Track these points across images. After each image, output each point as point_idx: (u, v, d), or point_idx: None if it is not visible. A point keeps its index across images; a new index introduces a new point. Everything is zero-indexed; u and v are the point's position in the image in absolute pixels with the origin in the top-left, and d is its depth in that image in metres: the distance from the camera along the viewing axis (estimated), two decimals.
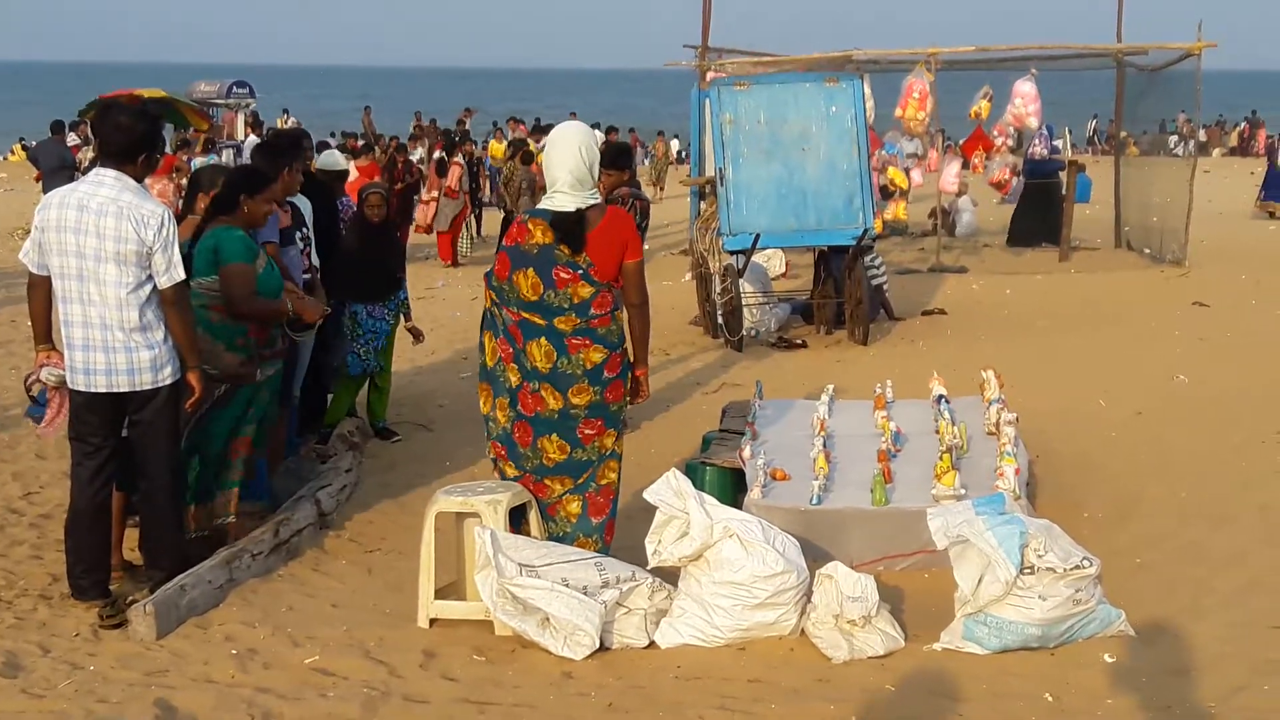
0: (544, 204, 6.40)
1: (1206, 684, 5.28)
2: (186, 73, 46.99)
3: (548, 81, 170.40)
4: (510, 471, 6.54)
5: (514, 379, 6.45)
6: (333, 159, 10.55)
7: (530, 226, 6.36)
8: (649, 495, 6.01)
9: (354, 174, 20.07)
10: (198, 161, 18.92)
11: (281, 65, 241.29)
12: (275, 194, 7.65)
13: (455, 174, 20.89)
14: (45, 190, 19.88)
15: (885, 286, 14.67)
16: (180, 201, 8.39)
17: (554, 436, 6.42)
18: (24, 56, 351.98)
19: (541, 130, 30.26)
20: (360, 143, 28.85)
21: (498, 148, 28.11)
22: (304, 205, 8.74)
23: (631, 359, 6.60)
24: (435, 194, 20.83)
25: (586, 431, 6.42)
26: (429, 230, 21.13)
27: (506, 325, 6.43)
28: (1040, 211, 20.76)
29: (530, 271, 6.28)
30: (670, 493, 5.99)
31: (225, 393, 7.06)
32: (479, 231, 23.21)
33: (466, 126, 33.63)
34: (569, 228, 6.26)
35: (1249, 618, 5.96)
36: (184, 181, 15.66)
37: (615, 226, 6.36)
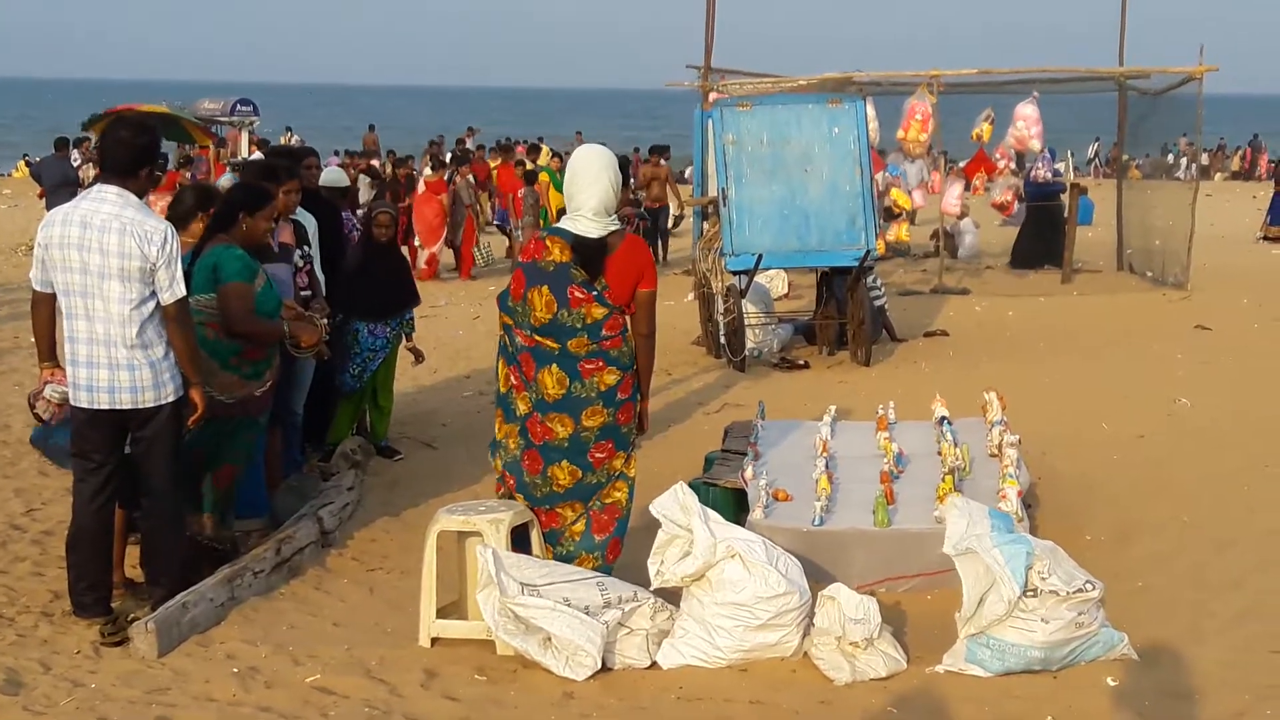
0: (566, 224, 6.38)
1: (1208, 708, 5.28)
2: (191, 90, 47.07)
3: (548, 101, 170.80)
4: (521, 503, 6.53)
5: (522, 408, 6.45)
6: (335, 175, 10.57)
7: (549, 244, 6.35)
8: (654, 508, 6.01)
9: (422, 187, 20.48)
10: (223, 181, 18.95)
11: (285, 84, 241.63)
12: (274, 211, 7.66)
13: (452, 189, 21.18)
14: (48, 207, 19.93)
15: (885, 307, 14.69)
16: None
17: (564, 463, 6.41)
18: (28, 73, 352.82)
19: (536, 149, 30.37)
20: (364, 161, 28.94)
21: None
22: (308, 222, 8.75)
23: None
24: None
25: (597, 455, 6.41)
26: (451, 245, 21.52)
27: (518, 352, 6.43)
28: (1043, 234, 20.81)
29: (545, 289, 6.27)
30: (676, 507, 5.99)
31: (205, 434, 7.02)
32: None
33: (468, 145, 33.70)
34: (591, 255, 6.26)
35: (1250, 642, 5.96)
36: None
37: (633, 253, 6.36)
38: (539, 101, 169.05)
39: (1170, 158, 26.44)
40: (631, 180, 20.95)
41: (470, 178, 22.30)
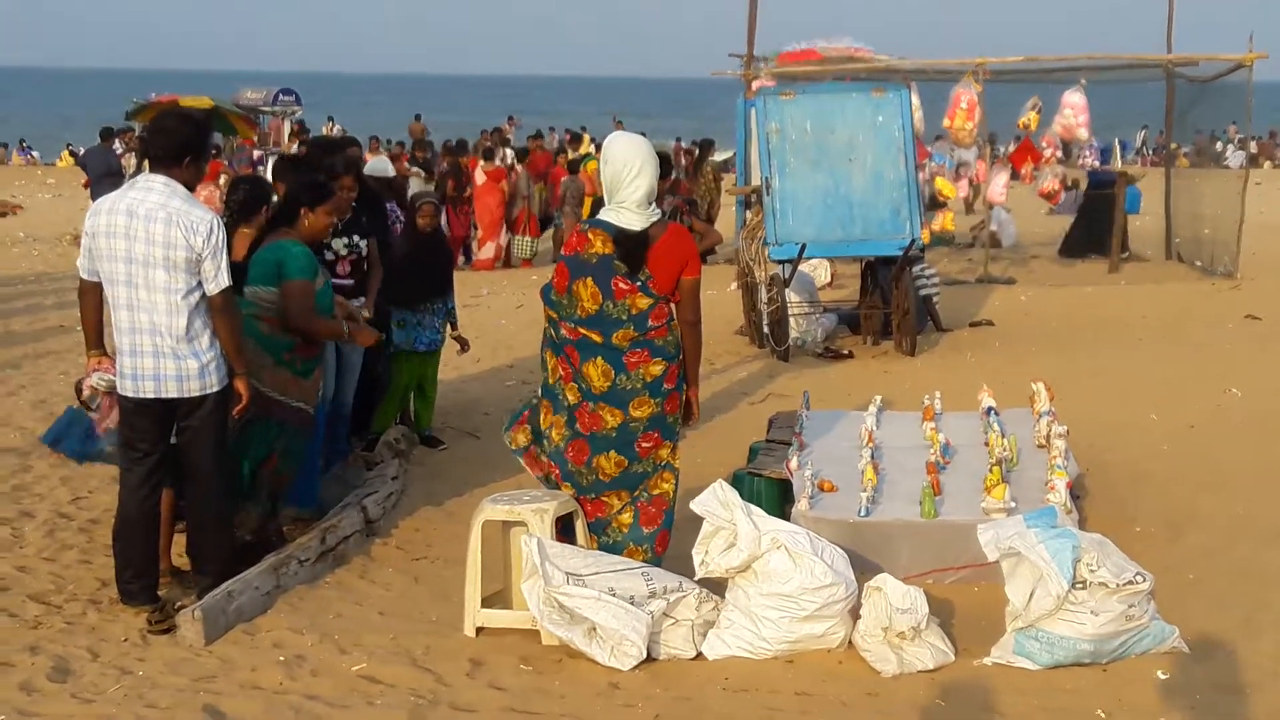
0: (608, 216, 6.32)
1: (1260, 702, 5.22)
2: (234, 80, 47.37)
3: (589, 90, 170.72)
4: (566, 491, 6.51)
5: (572, 398, 6.43)
6: (380, 165, 10.58)
7: (590, 236, 6.31)
8: (696, 506, 5.98)
9: (481, 177, 20.58)
10: None
11: (328, 73, 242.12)
12: (335, 207, 7.64)
13: (512, 180, 21.28)
14: (93, 197, 20.09)
15: (936, 298, 14.59)
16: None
17: (611, 453, 6.38)
18: (73, 64, 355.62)
19: (578, 139, 30.40)
20: (407, 152, 28.99)
21: None
22: None
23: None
24: None
25: (644, 444, 6.39)
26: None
27: (564, 345, 6.41)
28: (1098, 223, 20.58)
29: (589, 281, 6.24)
30: (717, 504, 5.96)
31: (252, 428, 7.01)
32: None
33: (509, 135, 33.74)
34: (632, 248, 6.22)
35: None
36: None
37: (676, 242, 6.32)
38: (576, 90, 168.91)
39: (1219, 145, 26.22)
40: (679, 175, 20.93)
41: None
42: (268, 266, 7.03)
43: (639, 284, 6.24)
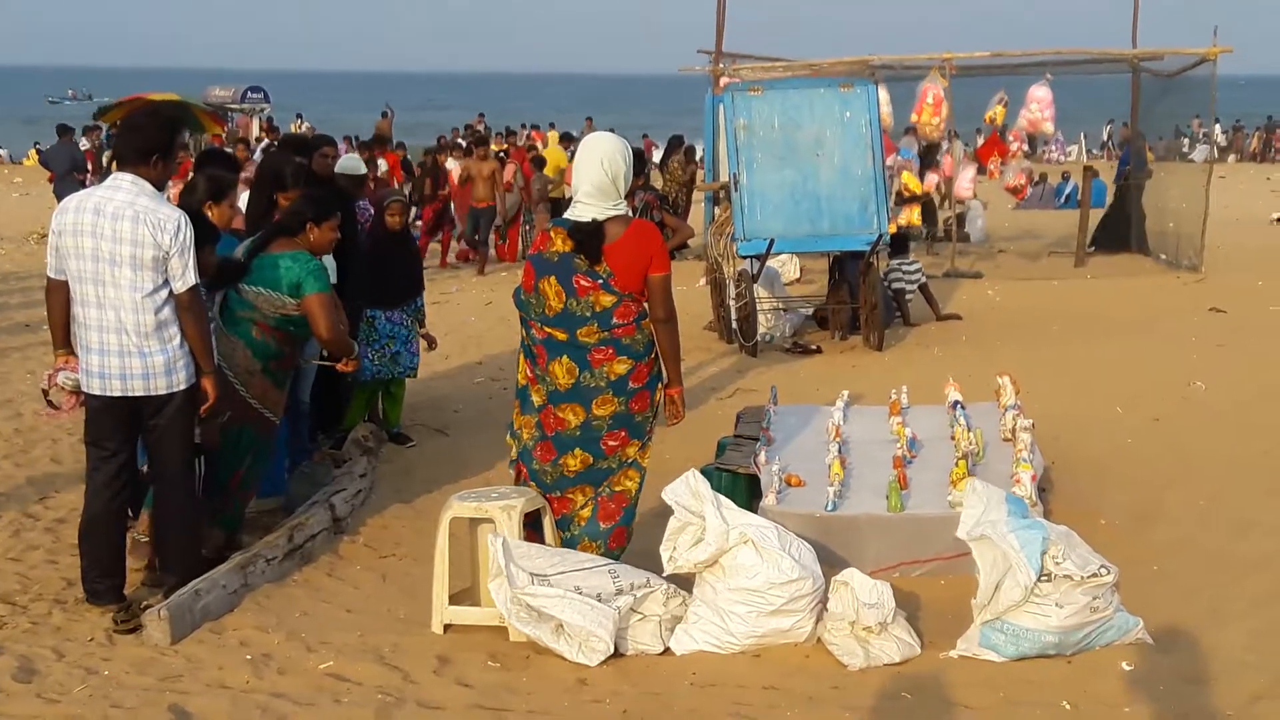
0: (567, 213, 6.39)
1: (1225, 692, 5.24)
2: (203, 78, 47.15)
3: (556, 87, 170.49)
4: (533, 489, 6.52)
5: (537, 400, 6.44)
6: (352, 163, 10.54)
7: (552, 235, 6.35)
8: (667, 495, 5.99)
9: (456, 169, 20.56)
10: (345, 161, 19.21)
11: (295, 70, 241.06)
12: (338, 222, 7.63)
13: (511, 170, 21.22)
14: (57, 192, 20.06)
15: (910, 294, 14.62)
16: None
17: (577, 451, 6.39)
18: (39, 61, 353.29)
19: (569, 138, 30.30)
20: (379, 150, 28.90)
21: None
22: None
23: (662, 371, 6.51)
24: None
25: (610, 443, 6.39)
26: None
27: (532, 345, 6.42)
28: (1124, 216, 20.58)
29: (553, 279, 6.25)
30: (688, 494, 5.97)
31: (227, 434, 7.00)
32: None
33: (481, 131, 33.72)
34: (583, 238, 6.23)
35: (1269, 626, 5.92)
36: None
37: (639, 239, 6.29)
38: (541, 87, 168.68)
39: (1185, 141, 26.34)
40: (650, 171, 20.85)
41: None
42: (283, 274, 7.03)
43: (600, 281, 6.23)
